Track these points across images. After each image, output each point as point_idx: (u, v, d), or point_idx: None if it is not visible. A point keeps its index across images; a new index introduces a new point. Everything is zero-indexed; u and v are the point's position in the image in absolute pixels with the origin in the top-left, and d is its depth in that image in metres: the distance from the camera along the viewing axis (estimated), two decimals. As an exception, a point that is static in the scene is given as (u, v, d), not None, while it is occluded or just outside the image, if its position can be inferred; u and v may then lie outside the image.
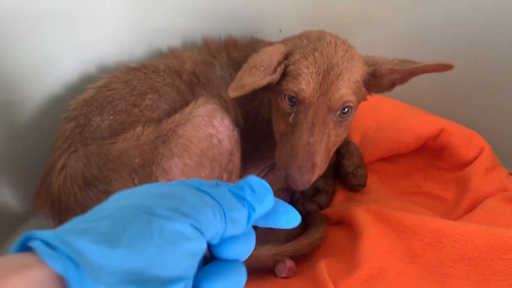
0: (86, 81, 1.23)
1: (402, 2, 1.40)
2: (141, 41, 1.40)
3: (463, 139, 1.27)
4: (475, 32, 1.33)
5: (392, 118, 1.40)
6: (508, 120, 1.39)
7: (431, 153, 1.34)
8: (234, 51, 1.25)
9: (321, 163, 0.96)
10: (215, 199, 0.45)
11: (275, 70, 0.97)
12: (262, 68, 0.96)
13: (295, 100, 0.97)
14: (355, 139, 1.40)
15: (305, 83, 0.94)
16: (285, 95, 0.98)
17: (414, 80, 1.47)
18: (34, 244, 0.34)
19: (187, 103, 1.04)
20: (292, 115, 0.98)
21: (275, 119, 1.06)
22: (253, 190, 0.49)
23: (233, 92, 0.91)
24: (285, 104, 0.99)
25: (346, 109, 0.97)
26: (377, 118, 1.43)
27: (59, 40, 1.20)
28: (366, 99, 1.08)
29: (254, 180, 0.51)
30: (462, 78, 1.41)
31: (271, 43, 1.13)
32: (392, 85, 1.05)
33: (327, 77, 0.94)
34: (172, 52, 1.26)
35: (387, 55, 1.47)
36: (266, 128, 1.18)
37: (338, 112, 0.96)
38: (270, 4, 1.44)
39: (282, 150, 0.99)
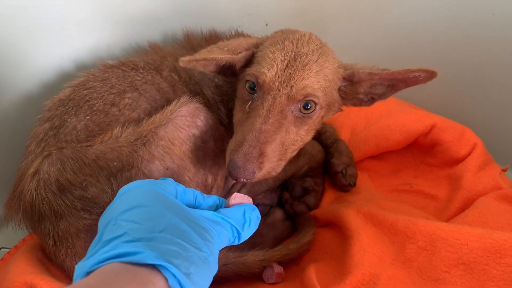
0: (62, 78, 1.17)
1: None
2: (119, 35, 1.33)
3: (455, 135, 1.24)
4: (465, 25, 1.29)
5: (381, 114, 1.36)
6: (501, 115, 1.37)
7: (422, 150, 1.31)
8: None
9: (272, 156, 0.86)
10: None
11: (238, 54, 0.93)
12: (226, 49, 0.91)
13: (255, 88, 0.90)
14: (344, 136, 1.36)
15: (267, 67, 0.87)
16: (246, 81, 0.91)
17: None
18: (165, 273, 0.49)
19: (168, 102, 0.99)
20: (250, 102, 0.90)
21: (235, 110, 0.98)
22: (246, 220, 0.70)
23: (183, 60, 0.87)
24: (245, 92, 0.92)
25: (310, 105, 0.88)
26: (366, 114, 1.39)
27: (32, 34, 1.15)
28: (341, 109, 1.01)
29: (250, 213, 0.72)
30: (453, 71, 1.38)
31: (255, 39, 1.08)
32: (371, 100, 0.98)
33: (292, 64, 0.87)
34: (152, 48, 1.21)
35: (372, 49, 1.46)
36: None
37: (299, 106, 0.88)
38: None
39: (234, 137, 0.90)
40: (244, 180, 0.83)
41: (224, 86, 1.13)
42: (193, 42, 1.23)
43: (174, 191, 0.67)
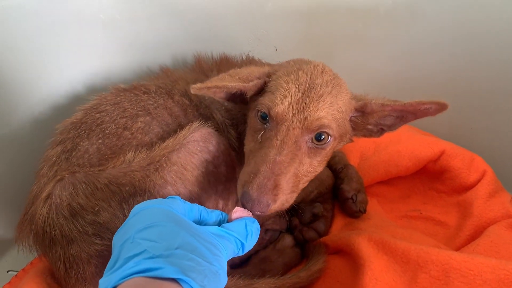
0: (74, 101, 1.18)
1: (398, 20, 1.37)
2: (131, 58, 1.35)
3: (464, 162, 1.24)
4: (474, 52, 1.30)
5: (391, 140, 1.36)
6: (510, 142, 1.36)
7: (431, 176, 1.31)
8: (226, 70, 1.21)
9: (286, 188, 0.84)
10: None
11: (250, 82, 0.92)
12: (237, 77, 0.91)
13: (267, 118, 0.88)
14: (353, 161, 1.36)
15: (281, 98, 0.86)
16: (258, 111, 0.90)
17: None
18: (184, 285, 0.55)
19: (180, 126, 1.00)
20: (262, 132, 0.89)
21: (246, 139, 0.97)
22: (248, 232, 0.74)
23: (194, 88, 0.86)
24: (257, 121, 0.91)
25: (323, 136, 0.87)
26: (375, 140, 1.39)
27: (46, 57, 1.16)
28: (352, 140, 1.01)
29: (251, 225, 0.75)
30: (462, 98, 1.38)
31: (265, 64, 1.09)
32: (380, 131, 0.98)
33: (307, 95, 0.86)
34: (164, 72, 1.22)
35: (379, 75, 1.47)
36: None
37: (312, 137, 0.87)
38: (265, 22, 1.40)
39: (246, 167, 0.88)
40: (258, 213, 0.80)
41: (234, 110, 1.14)
42: (204, 66, 1.23)
43: (182, 209, 0.70)
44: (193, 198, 0.92)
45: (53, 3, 1.14)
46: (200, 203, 0.93)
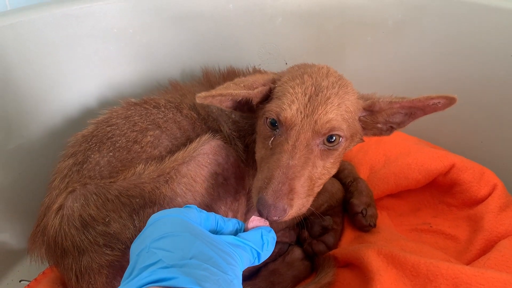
0: (85, 114, 1.20)
1: (406, 33, 1.38)
2: (141, 71, 1.37)
3: (474, 176, 1.23)
4: (484, 66, 1.30)
5: (400, 152, 1.36)
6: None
7: (440, 189, 1.30)
8: None
9: (301, 192, 0.83)
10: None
11: (255, 89, 0.92)
12: (242, 85, 0.91)
13: (277, 124, 0.89)
14: (363, 174, 1.36)
15: (288, 103, 0.86)
16: (267, 118, 0.90)
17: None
18: None
19: (189, 139, 1.01)
20: (273, 138, 0.89)
21: (256, 147, 0.97)
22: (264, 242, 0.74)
23: (200, 96, 0.86)
24: (266, 128, 0.91)
25: (334, 137, 0.87)
26: (385, 152, 1.39)
27: (59, 70, 1.19)
28: (362, 140, 1.01)
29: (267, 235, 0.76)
30: (472, 111, 1.38)
31: (272, 74, 1.10)
32: (390, 129, 0.98)
33: (314, 98, 0.86)
34: (173, 86, 1.23)
35: (389, 87, 1.47)
36: None
37: (324, 139, 0.87)
38: (275, 36, 1.42)
39: (259, 174, 0.88)
40: (276, 218, 0.79)
41: (241, 121, 1.14)
42: (212, 80, 1.25)
43: (198, 219, 0.71)
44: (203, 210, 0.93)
45: (68, 18, 1.17)
46: (210, 215, 0.94)
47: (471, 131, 1.41)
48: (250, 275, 1.12)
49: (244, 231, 0.76)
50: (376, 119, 0.95)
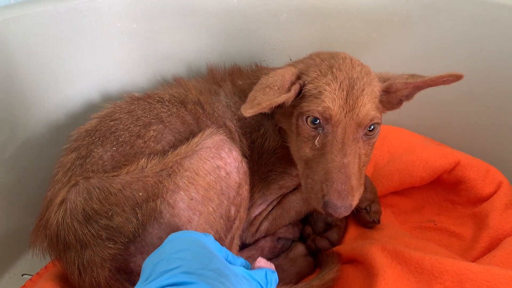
0: (89, 109, 1.20)
1: (412, 31, 1.37)
2: (146, 67, 1.37)
3: (479, 173, 1.22)
4: (491, 62, 1.29)
5: (405, 149, 1.35)
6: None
7: (445, 187, 1.29)
8: (239, 79, 1.22)
9: (358, 185, 0.90)
10: None
11: (289, 90, 0.93)
12: (276, 88, 0.91)
13: (318, 122, 0.91)
14: (367, 171, 1.35)
15: (330, 101, 0.89)
16: (307, 118, 0.92)
17: (427, 110, 1.45)
18: None
19: (192, 134, 1.00)
20: (318, 137, 0.92)
21: (295, 145, 1.00)
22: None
23: (248, 110, 0.85)
24: (307, 127, 0.93)
25: (373, 126, 0.93)
26: (389, 149, 1.38)
27: (64, 64, 1.18)
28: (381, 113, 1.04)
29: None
30: (477, 109, 1.37)
31: (276, 69, 1.10)
32: (399, 102, 1.03)
33: (352, 92, 0.90)
34: (177, 81, 1.23)
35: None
36: (272, 158, 1.14)
37: (365, 129, 0.92)
38: (280, 32, 1.41)
39: (313, 176, 0.92)
40: (344, 214, 0.87)
41: (247, 118, 1.14)
42: (216, 76, 1.25)
43: (213, 245, 0.75)
44: (205, 203, 0.92)
45: (72, 12, 1.17)
46: (212, 209, 0.94)
47: (476, 129, 1.40)
48: (253, 271, 1.12)
49: (250, 269, 0.81)
50: (391, 98, 1.00)
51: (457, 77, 0.89)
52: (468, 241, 1.15)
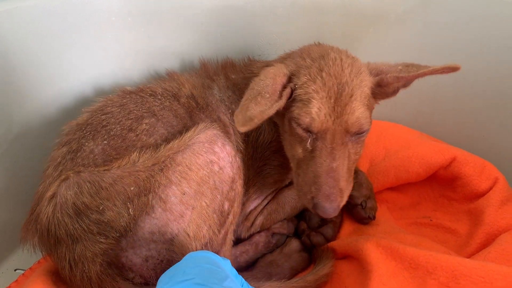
0: (81, 103, 1.19)
1: (408, 27, 1.36)
2: (140, 62, 1.36)
3: (475, 169, 1.21)
4: (488, 57, 1.28)
5: (401, 145, 1.35)
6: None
7: (441, 183, 1.28)
8: (232, 73, 1.21)
9: (347, 186, 0.93)
10: None
11: (280, 95, 0.92)
12: (267, 95, 0.91)
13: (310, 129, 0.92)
14: (363, 167, 1.34)
15: (316, 112, 0.89)
16: (299, 124, 0.93)
17: (423, 106, 1.44)
18: None
19: (185, 128, 0.99)
20: (309, 140, 0.93)
21: (288, 143, 1.00)
22: None
23: (242, 127, 0.85)
24: (299, 130, 0.94)
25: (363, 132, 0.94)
26: (385, 145, 1.37)
27: (56, 60, 1.17)
28: (373, 108, 1.04)
29: None
30: (473, 105, 1.36)
31: (269, 63, 1.09)
32: (396, 90, 1.02)
33: (339, 99, 0.90)
34: (170, 75, 1.22)
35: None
36: (267, 151, 1.13)
37: (354, 135, 0.93)
38: (275, 27, 1.40)
39: (304, 177, 0.95)
40: (332, 215, 0.91)
41: None
42: (209, 70, 1.24)
43: (230, 270, 0.76)
44: (198, 198, 0.91)
45: (66, 6, 1.16)
46: (206, 204, 0.93)
47: (473, 125, 1.39)
48: (247, 266, 1.11)
49: None
50: (384, 90, 1.00)
51: (453, 69, 0.89)
52: (464, 237, 1.14)
